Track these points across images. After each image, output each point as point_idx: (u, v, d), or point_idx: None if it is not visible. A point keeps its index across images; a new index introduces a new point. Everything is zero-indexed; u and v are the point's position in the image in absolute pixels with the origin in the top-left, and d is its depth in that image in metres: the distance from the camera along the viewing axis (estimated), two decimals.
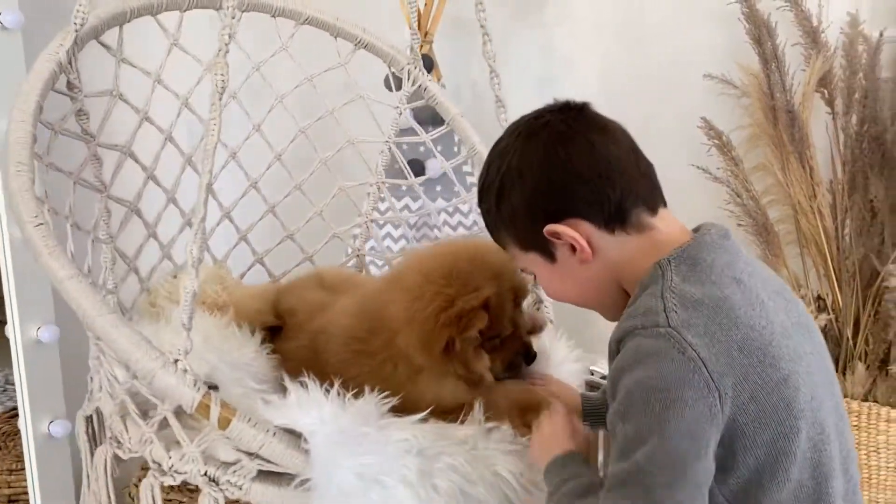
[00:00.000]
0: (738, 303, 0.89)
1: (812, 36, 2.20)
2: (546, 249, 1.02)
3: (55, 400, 1.87)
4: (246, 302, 1.51)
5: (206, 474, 1.08)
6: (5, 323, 1.82)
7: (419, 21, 2.26)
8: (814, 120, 2.21)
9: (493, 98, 1.71)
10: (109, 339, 1.04)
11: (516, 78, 1.66)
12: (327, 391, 1.11)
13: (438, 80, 2.31)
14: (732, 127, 2.35)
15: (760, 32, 2.14)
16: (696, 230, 1.01)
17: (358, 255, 2.07)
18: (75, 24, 1.31)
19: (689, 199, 2.68)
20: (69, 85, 1.37)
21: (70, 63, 1.32)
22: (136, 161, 1.56)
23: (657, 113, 2.84)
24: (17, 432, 2.10)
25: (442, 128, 1.88)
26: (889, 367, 1.90)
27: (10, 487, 2.02)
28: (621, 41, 2.89)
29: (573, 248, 1.00)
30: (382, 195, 2.17)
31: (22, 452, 1.97)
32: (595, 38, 2.86)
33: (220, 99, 1.07)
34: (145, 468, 1.21)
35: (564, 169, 0.97)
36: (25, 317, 1.80)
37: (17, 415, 2.14)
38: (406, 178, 2.06)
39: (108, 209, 1.46)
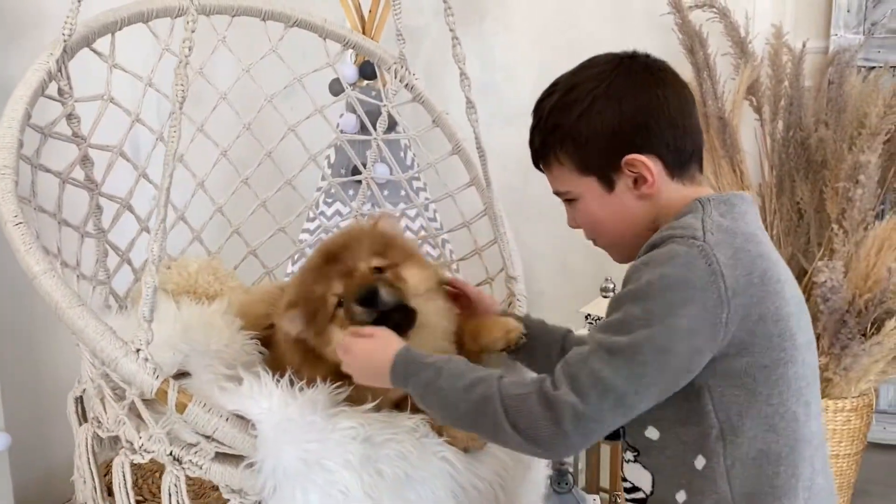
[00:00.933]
0: (764, 241, 1.01)
1: (740, 46, 2.31)
2: (608, 177, 1.06)
3: None
4: (249, 308, 1.52)
5: (171, 454, 1.15)
6: None
7: (363, 28, 2.28)
8: (743, 126, 2.32)
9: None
10: (77, 330, 1.12)
11: (456, 86, 1.71)
12: (278, 381, 1.18)
13: (384, 85, 2.33)
14: None
15: (693, 42, 2.24)
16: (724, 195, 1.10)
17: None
18: (64, 34, 1.36)
19: None
20: (60, 91, 1.43)
21: (60, 71, 1.38)
22: (128, 160, 1.63)
23: None
24: None
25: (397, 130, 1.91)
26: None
27: None
28: (558, 50, 2.96)
29: (635, 182, 1.05)
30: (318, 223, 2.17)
31: None
32: (532, 47, 2.93)
33: (181, 108, 1.14)
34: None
35: (661, 109, 1.04)
36: None
37: None
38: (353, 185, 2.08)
39: (100, 206, 1.54)
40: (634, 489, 1.08)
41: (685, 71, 2.34)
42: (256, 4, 1.66)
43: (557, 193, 1.14)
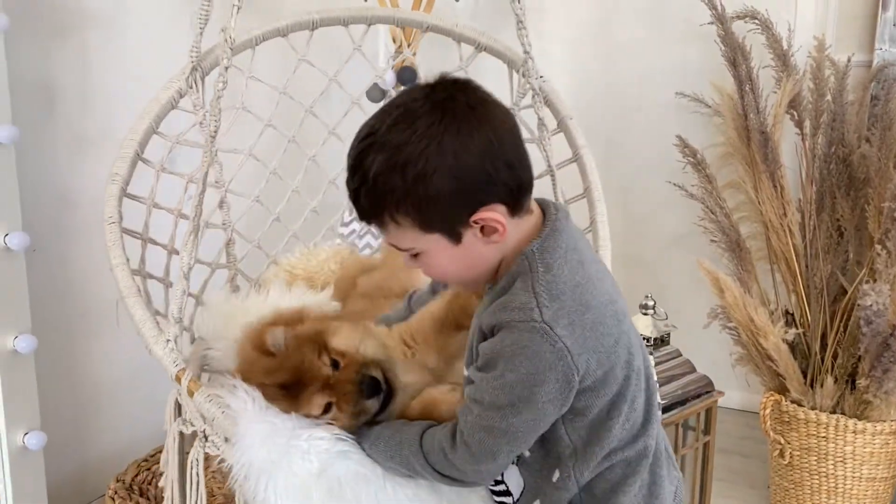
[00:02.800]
0: (586, 287, 1.04)
1: (782, 59, 2.28)
2: (454, 232, 1.03)
3: (30, 411, 1.82)
4: (344, 273, 1.64)
5: (203, 431, 1.29)
6: None
7: (404, 33, 2.27)
8: (784, 141, 2.29)
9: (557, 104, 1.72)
10: (130, 314, 1.35)
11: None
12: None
13: None
14: (704, 145, 2.42)
15: (735, 55, 2.21)
16: (542, 208, 1.09)
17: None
18: (191, 57, 1.52)
19: (664, 215, 2.78)
20: (193, 105, 1.58)
21: (192, 86, 1.55)
22: (257, 160, 1.77)
23: (628, 129, 2.91)
24: None
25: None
26: (857, 381, 1.98)
27: None
28: (593, 59, 2.95)
29: (482, 230, 1.03)
30: (352, 214, 2.18)
31: None
32: (567, 55, 2.92)
33: (213, 141, 1.37)
34: None
35: (496, 155, 1.00)
36: (2, 326, 1.75)
37: None
38: None
39: (227, 202, 1.74)
40: (506, 493, 1.16)
41: (727, 83, 2.32)
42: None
43: (396, 247, 1.10)
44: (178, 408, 1.40)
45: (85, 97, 2.13)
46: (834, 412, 2.02)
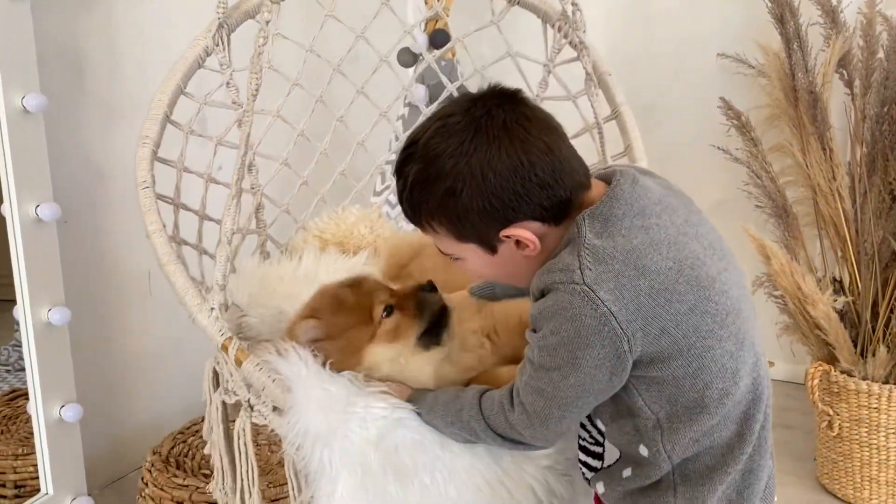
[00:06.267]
0: (645, 252, 0.98)
1: (831, 16, 2.18)
2: (489, 244, 1.06)
3: (66, 384, 1.82)
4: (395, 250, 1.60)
5: (248, 400, 1.27)
6: (12, 302, 1.76)
7: None
8: (832, 101, 2.20)
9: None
10: (171, 283, 1.31)
11: (523, 59, 1.65)
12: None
13: (453, 56, 2.26)
14: (748, 107, 2.33)
15: (783, 11, 2.11)
16: (607, 180, 1.06)
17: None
18: (218, 13, 1.46)
19: (707, 180, 2.69)
20: (220, 63, 1.52)
21: (218, 45, 1.49)
22: (286, 122, 1.71)
23: (668, 94, 2.82)
24: (18, 415, 2.05)
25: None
26: None
27: (15, 473, 1.96)
28: (630, 19, 2.86)
29: (518, 244, 1.04)
30: (388, 183, 2.14)
31: (26, 436, 1.92)
32: (604, 17, 2.83)
33: (255, 98, 1.32)
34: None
35: (527, 177, 1.00)
36: (36, 298, 1.74)
37: (17, 397, 2.09)
38: None
39: (256, 165, 1.69)
40: (598, 456, 1.12)
41: (773, 42, 2.23)
42: None
43: (441, 252, 1.13)
44: (216, 377, 1.37)
45: (114, 65, 2.09)
46: (886, 382, 1.95)
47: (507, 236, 1.03)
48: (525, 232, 1.02)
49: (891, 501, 2.00)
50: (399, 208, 2.10)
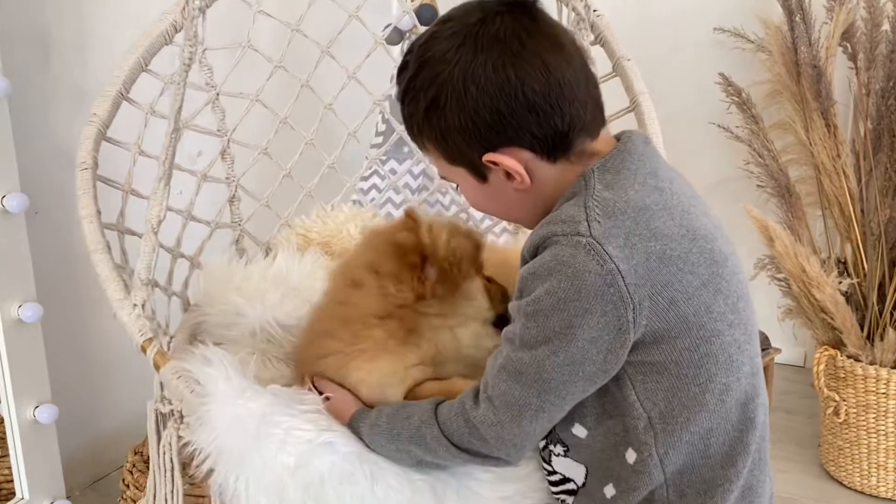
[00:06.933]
0: (658, 213, 0.88)
1: None
2: (477, 170, 0.94)
3: (39, 383, 1.73)
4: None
5: (180, 410, 1.12)
6: None
7: None
8: (835, 76, 2.12)
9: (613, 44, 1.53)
10: (97, 274, 1.20)
11: None
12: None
13: None
14: (747, 83, 2.25)
15: None
16: (617, 138, 0.96)
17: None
18: None
19: (706, 159, 2.61)
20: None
21: (190, 21, 1.35)
22: (266, 107, 1.59)
23: (663, 70, 2.73)
24: None
25: None
26: None
27: None
28: None
29: (509, 175, 0.93)
30: (375, 168, 2.04)
31: (3, 438, 1.84)
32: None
33: (187, 72, 1.23)
34: None
35: (515, 97, 0.88)
36: (5, 294, 1.65)
37: None
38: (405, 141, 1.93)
39: (231, 153, 1.56)
40: (564, 480, 0.99)
41: (774, 14, 2.14)
42: None
43: (440, 175, 1.02)
44: (161, 382, 1.23)
45: (83, 48, 1.99)
46: (895, 367, 1.88)
47: (492, 163, 0.91)
48: (510, 160, 0.90)
49: None
50: (383, 195, 2.04)
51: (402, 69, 0.95)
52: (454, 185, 1.01)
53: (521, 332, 0.87)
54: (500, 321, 1.09)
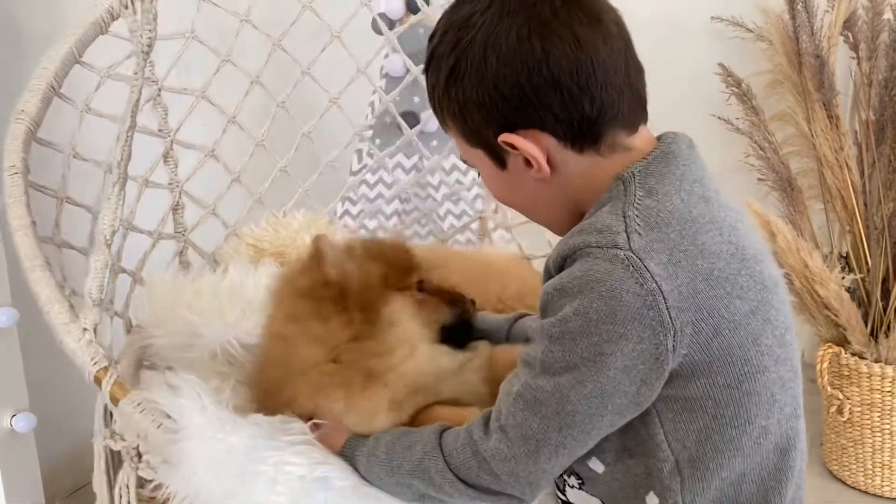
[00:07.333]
0: (705, 226, 0.79)
1: None
2: (495, 153, 0.86)
3: (17, 391, 1.66)
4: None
5: (136, 447, 1.01)
6: None
7: None
8: (837, 66, 2.07)
9: None
10: (35, 293, 1.05)
11: None
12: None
13: None
14: (746, 73, 2.19)
15: None
16: (658, 138, 0.87)
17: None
18: None
19: (706, 152, 2.54)
20: (130, 30, 1.27)
21: (128, 6, 1.24)
22: (214, 104, 1.48)
23: (659, 60, 2.67)
24: None
25: None
26: None
27: None
28: None
29: (528, 162, 0.84)
30: (365, 163, 1.98)
31: None
32: None
33: (146, 57, 1.13)
34: None
35: (538, 71, 0.79)
36: None
37: None
38: (399, 132, 1.86)
39: (174, 156, 1.44)
40: None
41: (773, 2, 2.08)
42: None
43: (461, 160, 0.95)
44: (110, 414, 1.12)
45: (17, 39, 1.89)
46: None
47: (508, 144, 0.82)
48: (527, 144, 0.81)
49: None
50: (367, 206, 1.97)
51: (432, 36, 0.87)
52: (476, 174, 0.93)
53: (542, 355, 0.78)
54: (452, 333, 1.01)
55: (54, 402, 1.87)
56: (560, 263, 0.80)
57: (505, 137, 0.82)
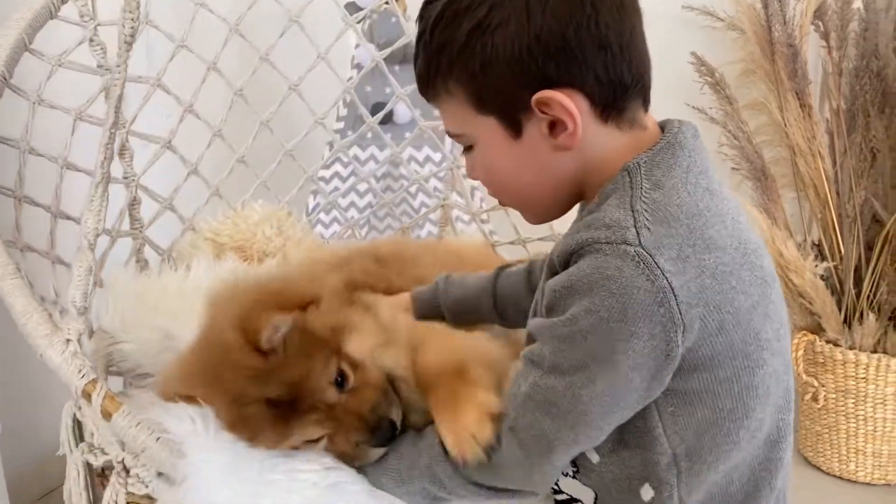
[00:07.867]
0: (711, 220, 0.78)
1: None
2: (514, 118, 0.81)
3: None
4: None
5: (122, 461, 0.97)
6: None
7: None
8: (809, 55, 2.07)
9: None
10: (9, 304, 0.98)
11: None
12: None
13: (404, 11, 2.05)
14: (719, 62, 2.20)
15: None
16: (662, 126, 0.85)
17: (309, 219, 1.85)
18: None
19: None
20: (80, 14, 1.23)
21: None
22: (169, 93, 1.41)
23: None
24: None
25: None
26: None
27: None
28: None
29: (551, 127, 0.80)
30: (337, 156, 1.95)
31: None
32: None
33: (130, 46, 1.07)
34: None
35: (586, 26, 0.76)
36: None
37: None
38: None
39: (129, 148, 1.38)
40: (572, 501, 0.90)
41: None
42: None
43: (450, 135, 0.88)
44: (79, 427, 1.06)
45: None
46: (875, 351, 1.86)
47: (544, 103, 0.78)
48: (568, 101, 0.76)
49: (878, 473, 1.93)
50: (339, 199, 1.93)
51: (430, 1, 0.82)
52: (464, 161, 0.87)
53: (551, 355, 0.76)
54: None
55: (18, 410, 1.81)
56: (566, 259, 0.77)
57: (544, 94, 0.77)
